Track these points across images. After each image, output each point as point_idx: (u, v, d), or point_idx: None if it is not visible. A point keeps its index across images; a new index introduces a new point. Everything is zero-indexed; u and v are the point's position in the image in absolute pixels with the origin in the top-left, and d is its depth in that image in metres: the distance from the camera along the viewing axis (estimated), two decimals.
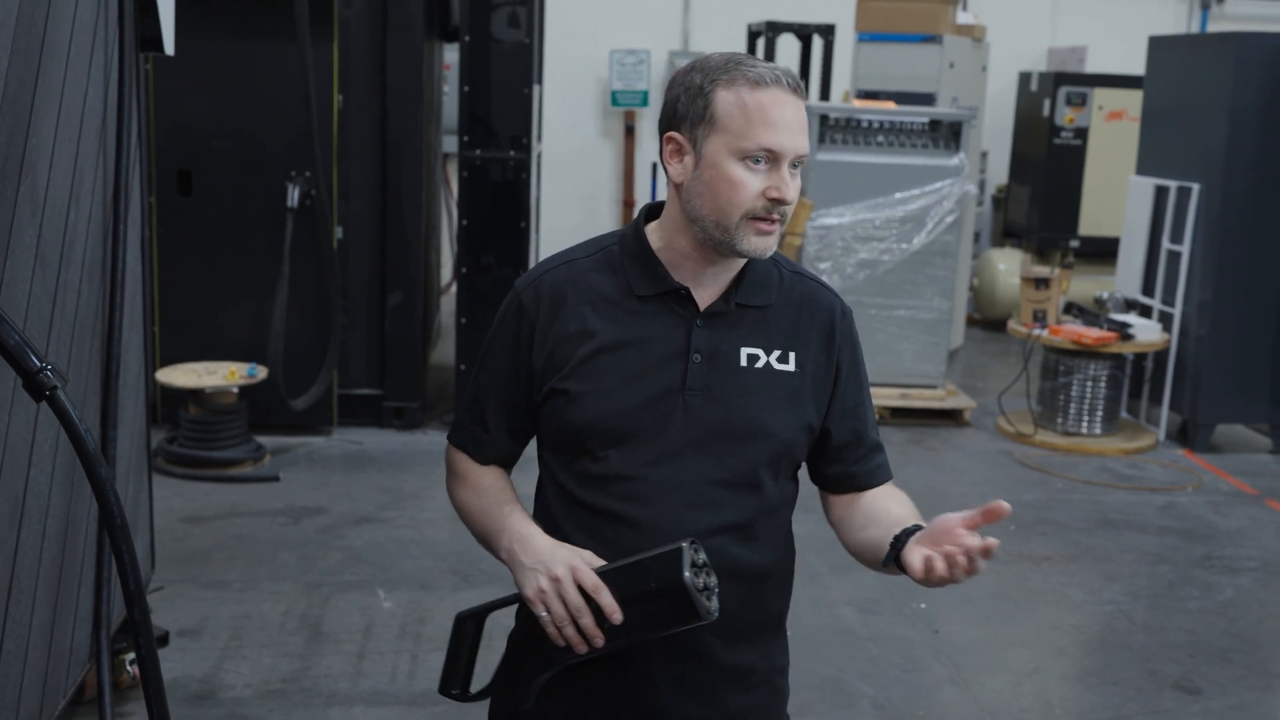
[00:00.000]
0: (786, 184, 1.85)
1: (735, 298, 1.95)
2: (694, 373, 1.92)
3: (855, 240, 7.29)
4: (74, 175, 3.05)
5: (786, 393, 1.97)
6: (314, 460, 6.30)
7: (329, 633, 4.44)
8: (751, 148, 1.84)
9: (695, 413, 1.93)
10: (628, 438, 1.92)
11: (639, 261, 1.96)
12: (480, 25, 6.57)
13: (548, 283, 1.98)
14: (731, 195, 1.85)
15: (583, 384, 1.93)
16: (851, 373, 2.05)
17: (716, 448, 1.93)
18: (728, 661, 1.99)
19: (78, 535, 3.18)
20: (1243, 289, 7.00)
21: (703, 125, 1.87)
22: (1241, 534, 5.89)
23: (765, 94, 1.84)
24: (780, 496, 2.02)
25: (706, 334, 1.93)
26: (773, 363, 1.96)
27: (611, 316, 1.94)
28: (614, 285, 1.96)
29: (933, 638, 4.66)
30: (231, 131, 6.38)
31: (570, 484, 1.97)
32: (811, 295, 2.03)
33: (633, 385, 1.92)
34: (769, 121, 1.84)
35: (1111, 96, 10.06)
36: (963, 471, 6.74)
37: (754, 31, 9.36)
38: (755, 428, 1.95)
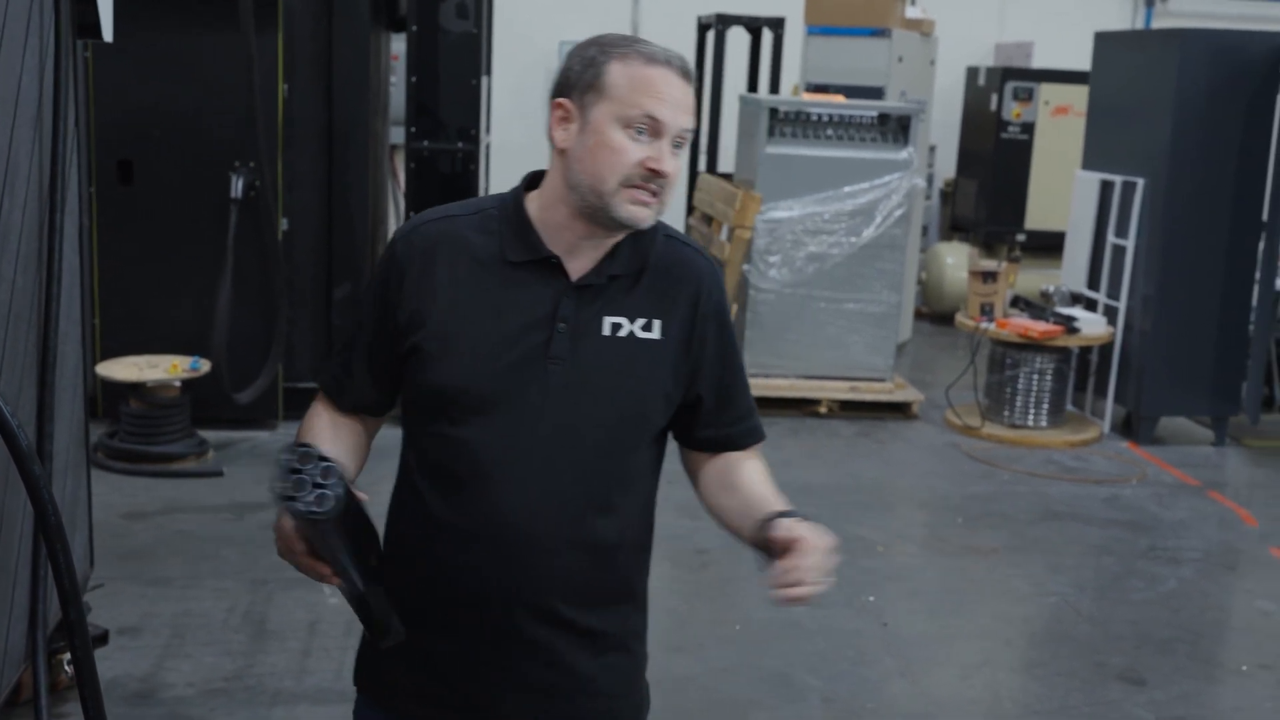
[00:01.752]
0: (665, 156, 1.89)
1: (608, 269, 1.97)
2: (558, 341, 1.93)
3: (804, 233, 7.29)
4: (8, 164, 2.97)
5: (649, 361, 1.98)
6: (258, 455, 6.22)
7: (273, 630, 4.38)
8: (636, 115, 1.88)
9: (556, 381, 1.93)
10: (487, 403, 1.93)
11: (514, 227, 1.97)
12: (428, 15, 6.51)
13: (422, 235, 1.99)
14: (611, 161, 1.88)
15: (442, 345, 1.94)
16: (717, 341, 2.06)
17: (575, 416, 1.95)
18: (581, 625, 2.00)
19: (13, 533, 3.11)
20: (1186, 283, 7.08)
21: (591, 93, 1.90)
22: (1184, 525, 5.95)
23: (655, 70, 1.89)
24: (639, 465, 2.03)
25: (573, 304, 1.95)
26: (636, 331, 1.97)
27: (480, 279, 1.95)
28: (488, 248, 1.97)
29: (881, 630, 4.68)
30: (174, 121, 6.26)
31: (429, 446, 1.98)
32: (682, 261, 2.04)
33: (495, 350, 1.93)
34: (656, 93, 1.88)
35: (1058, 92, 10.15)
36: (911, 464, 6.77)
37: (704, 24, 9.34)
38: (615, 397, 1.97)
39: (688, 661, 4.36)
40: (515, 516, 1.92)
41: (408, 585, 2.00)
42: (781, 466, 6.44)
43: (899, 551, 5.48)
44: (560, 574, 1.95)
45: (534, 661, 1.99)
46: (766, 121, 7.33)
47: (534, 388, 1.93)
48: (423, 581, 1.99)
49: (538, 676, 2.00)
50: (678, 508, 5.50)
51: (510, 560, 1.93)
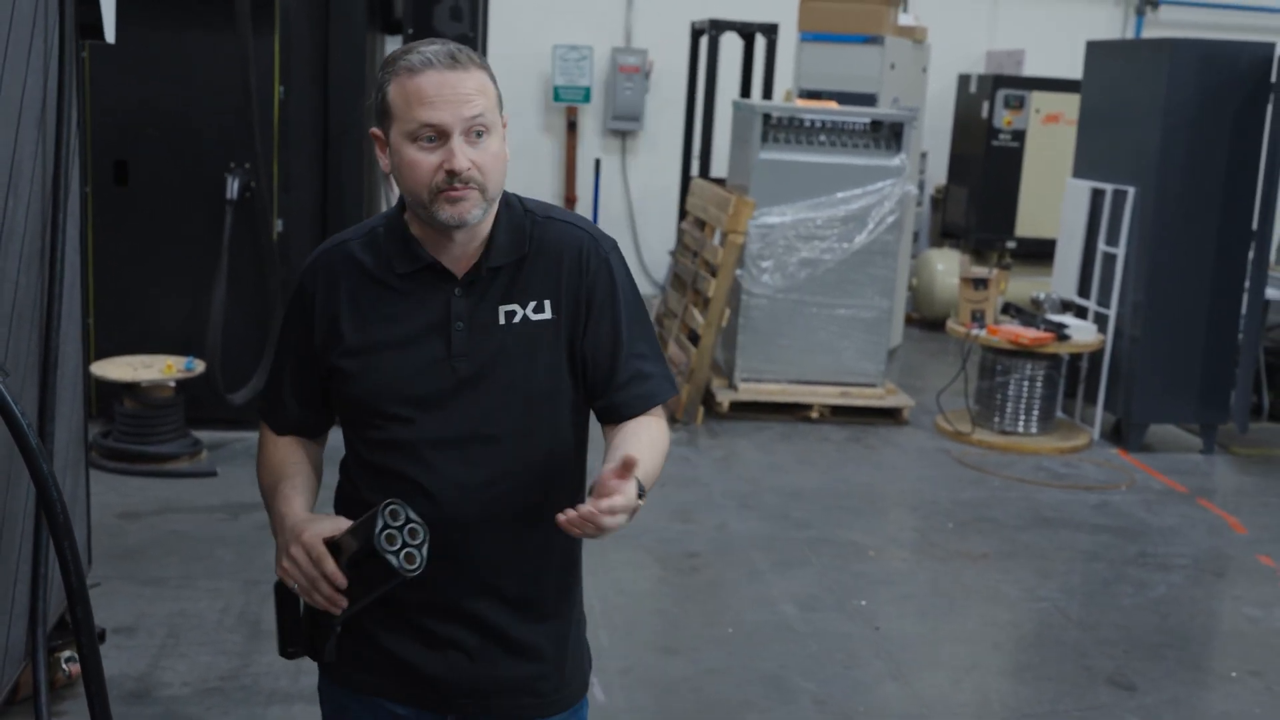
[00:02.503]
0: (455, 155, 1.96)
1: (487, 263, 2.06)
2: (457, 340, 2.04)
3: (797, 239, 7.33)
4: (12, 164, 2.99)
5: (547, 341, 2.08)
6: (252, 455, 6.16)
7: (268, 630, 4.39)
8: (414, 127, 1.97)
9: (465, 376, 2.05)
10: (403, 407, 2.05)
11: (398, 241, 2.08)
12: (423, 18, 6.53)
13: (322, 264, 2.12)
14: (413, 176, 1.99)
15: (355, 360, 2.06)
16: (604, 303, 2.12)
17: (489, 405, 2.05)
18: (520, 596, 2.12)
19: (13, 532, 3.12)
20: (1175, 291, 7.13)
21: (385, 118, 2.01)
22: (1173, 532, 5.99)
23: (420, 77, 1.96)
24: (561, 439, 2.13)
25: (465, 302, 2.05)
26: (529, 314, 2.07)
27: (378, 295, 2.07)
28: (378, 265, 2.08)
29: (873, 634, 4.70)
30: (170, 121, 6.28)
31: (362, 449, 2.11)
32: (561, 238, 2.12)
33: (403, 359, 2.05)
34: (425, 101, 1.95)
35: (1049, 100, 10.20)
36: (901, 469, 6.80)
37: (697, 30, 9.38)
38: (521, 381, 2.07)
39: (680, 663, 4.38)
40: (445, 505, 2.03)
41: None
42: (772, 471, 6.51)
43: (890, 556, 5.51)
44: (494, 552, 2.07)
45: (474, 633, 2.11)
46: (760, 127, 7.37)
47: (445, 387, 2.05)
48: None
49: (480, 648, 2.12)
50: (668, 511, 5.55)
51: (448, 544, 2.02)
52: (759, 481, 6.33)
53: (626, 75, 10.87)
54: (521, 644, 2.13)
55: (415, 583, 1.94)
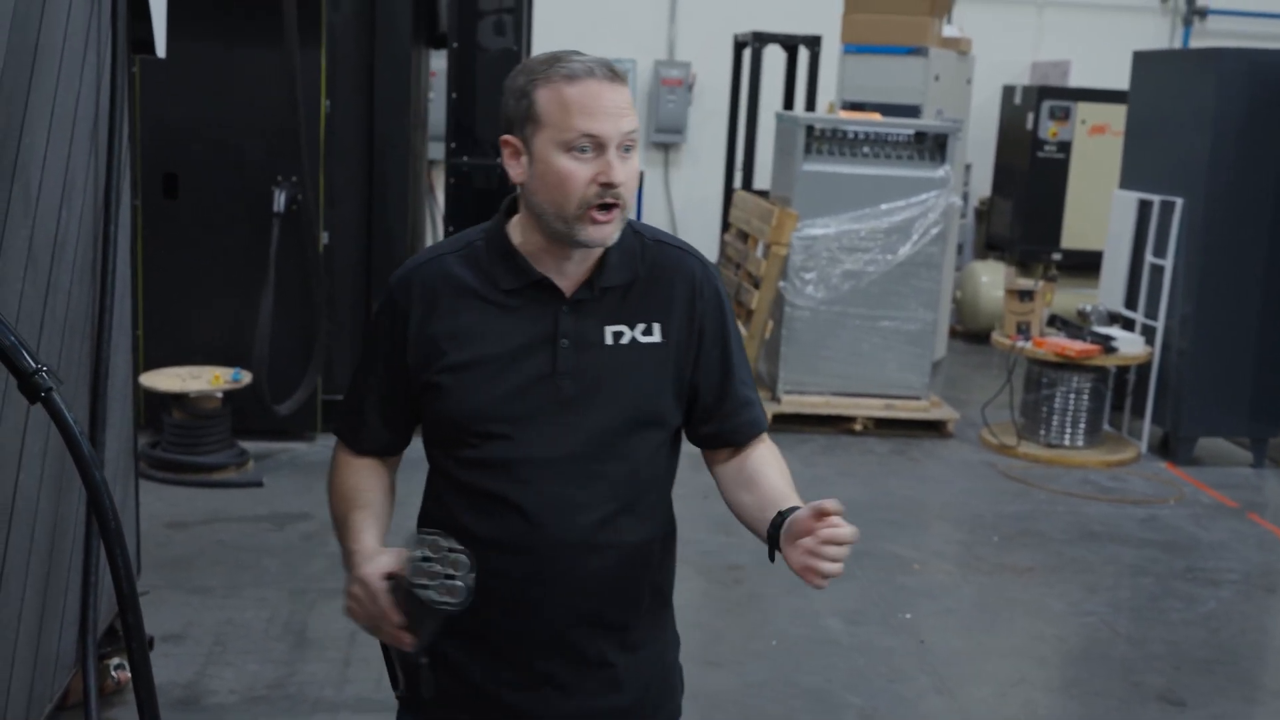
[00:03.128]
0: (613, 167, 1.92)
1: (598, 282, 2.02)
2: (563, 357, 2.00)
3: (840, 251, 7.31)
4: (65, 177, 3.03)
5: (654, 364, 2.04)
6: (298, 466, 6.28)
7: (314, 639, 4.42)
8: (573, 137, 1.91)
9: (568, 395, 2.00)
10: (504, 425, 2.00)
11: (501, 256, 2.03)
12: (468, 33, 6.58)
13: (418, 278, 2.05)
14: (563, 187, 1.93)
15: (455, 377, 2.00)
16: (715, 332, 2.11)
17: (591, 425, 2.01)
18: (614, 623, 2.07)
19: (65, 539, 3.16)
20: (1224, 303, 7.05)
21: (529, 124, 1.95)
22: (1223, 547, 5.92)
23: (580, 86, 1.92)
24: (658, 469, 2.10)
25: (572, 319, 2.01)
26: (638, 336, 2.04)
27: (481, 311, 2.01)
28: (480, 280, 2.02)
29: (918, 648, 4.67)
30: (217, 135, 6.35)
31: (455, 470, 2.04)
32: (672, 263, 2.09)
33: (504, 374, 2.00)
34: (586, 111, 1.91)
35: (1095, 111, 10.12)
36: (946, 482, 6.76)
37: (740, 42, 9.38)
38: (626, 402, 2.03)
39: (723, 677, 4.37)
40: (544, 527, 1.99)
41: None
42: (816, 484, 6.48)
43: (935, 569, 5.48)
44: (592, 577, 2.03)
45: (570, 663, 2.05)
46: (803, 139, 7.36)
47: (547, 405, 2.00)
48: None
49: (573, 676, 2.06)
50: (711, 523, 5.54)
51: (543, 569, 1.99)
52: (803, 494, 6.21)
53: (669, 88, 10.89)
54: (616, 673, 2.09)
55: (508, 610, 1.92)
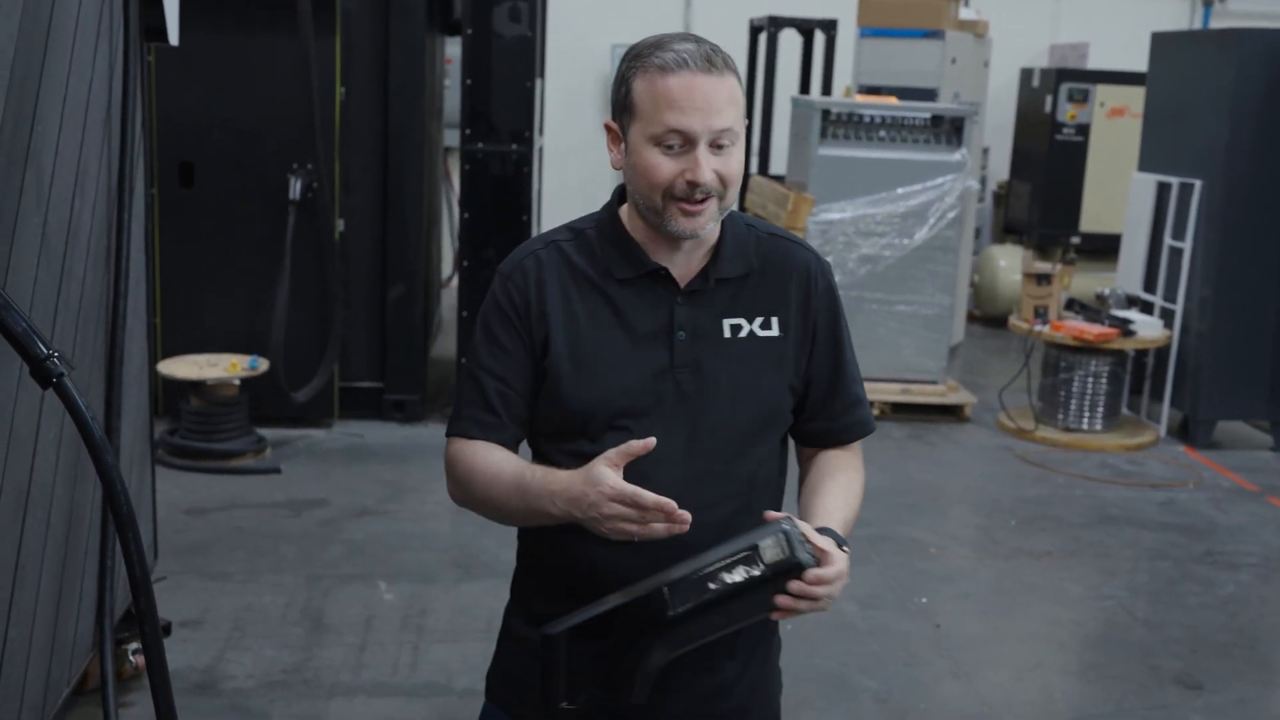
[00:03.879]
0: (700, 165, 1.86)
1: (713, 273, 1.98)
2: (680, 350, 1.96)
3: (857, 235, 7.28)
4: (78, 164, 3.04)
5: (773, 358, 2.01)
6: (315, 453, 6.30)
7: (330, 624, 4.44)
8: (660, 132, 1.87)
9: (687, 389, 1.96)
10: (622, 418, 1.94)
11: (616, 244, 1.99)
12: (482, 19, 6.57)
13: (531, 265, 2.00)
14: (650, 179, 1.89)
15: (572, 369, 1.95)
16: (828, 329, 2.08)
17: (711, 420, 1.97)
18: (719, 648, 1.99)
19: (81, 525, 3.18)
20: (1244, 285, 7.01)
21: (625, 113, 1.92)
22: (1242, 530, 5.89)
23: (673, 77, 1.86)
24: (773, 465, 2.07)
25: (688, 310, 1.97)
26: (756, 330, 2.00)
27: (594, 300, 1.97)
28: (594, 268, 1.98)
29: (934, 632, 4.67)
30: (233, 123, 6.37)
31: (567, 465, 1.96)
32: (787, 256, 2.05)
33: (622, 367, 1.95)
34: (675, 104, 1.86)
35: (1113, 93, 10.05)
36: (963, 467, 6.74)
37: (755, 26, 9.35)
38: (746, 397, 1.98)
39: None
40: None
41: (554, 594, 2.00)
42: None
43: (952, 554, 5.47)
44: None
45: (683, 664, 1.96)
46: (819, 123, 7.33)
47: (665, 398, 1.96)
48: (569, 591, 1.98)
49: (684, 678, 2.00)
50: None
51: (659, 566, 1.90)
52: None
53: None
54: (725, 678, 2.05)
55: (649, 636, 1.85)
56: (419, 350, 6.85)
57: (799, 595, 1.80)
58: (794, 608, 1.81)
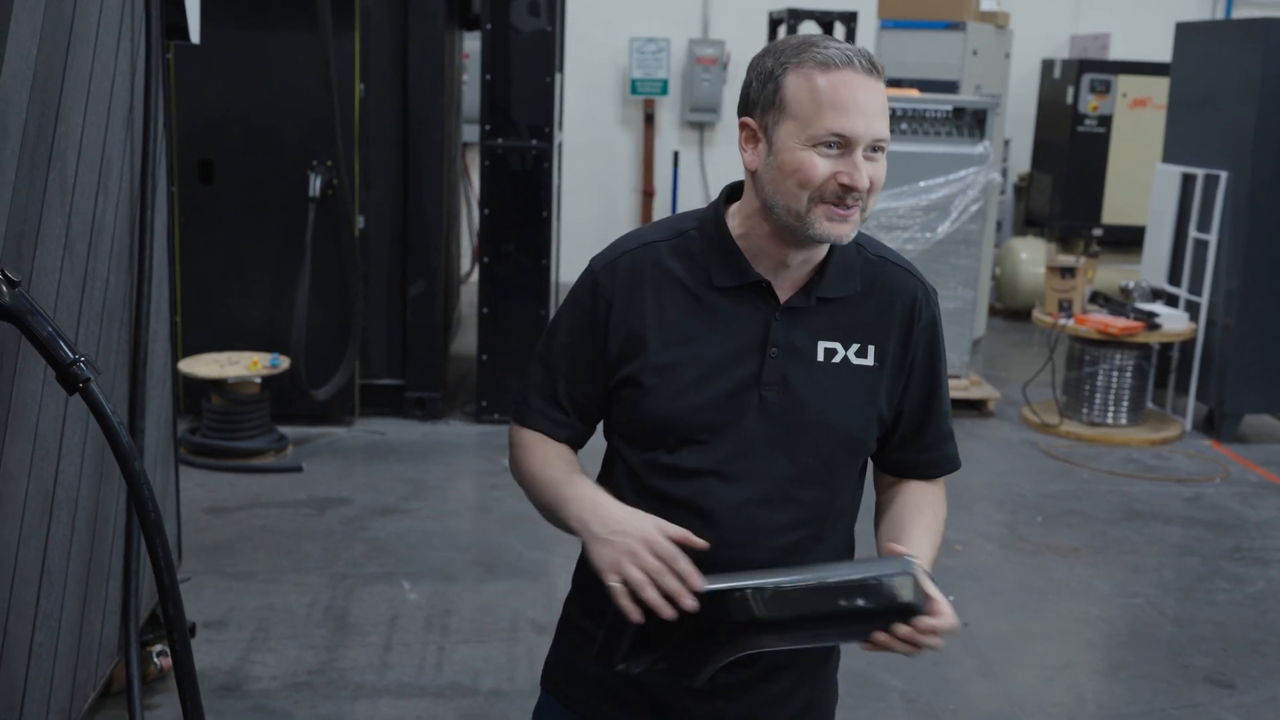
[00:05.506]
0: (858, 169, 1.78)
1: (816, 291, 1.91)
2: (770, 367, 1.89)
3: (879, 229, 7.23)
4: (101, 164, 3.02)
5: (864, 388, 1.93)
6: (336, 451, 6.29)
7: (355, 624, 4.42)
8: (821, 134, 1.78)
9: (771, 408, 1.89)
10: (702, 432, 1.89)
11: (719, 251, 1.91)
12: (501, 13, 6.54)
13: (624, 265, 1.93)
14: (802, 180, 1.80)
15: (658, 377, 1.89)
16: (926, 361, 2.00)
17: (791, 444, 1.90)
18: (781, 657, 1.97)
19: (106, 528, 3.16)
20: (1271, 278, 6.93)
21: (773, 111, 1.82)
22: (1271, 525, 5.83)
23: (835, 76, 1.78)
24: (850, 497, 2.00)
25: (785, 328, 1.90)
26: (851, 357, 1.92)
27: (689, 307, 1.90)
28: (692, 274, 1.91)
29: (962, 631, 4.62)
30: (252, 121, 6.35)
31: (642, 471, 1.93)
32: (894, 283, 1.97)
33: (709, 380, 1.89)
34: (839, 105, 1.78)
35: (1135, 84, 9.98)
36: (988, 462, 6.69)
37: (775, 19, 9.29)
38: (831, 425, 1.92)
39: None
40: (732, 546, 1.88)
41: None
42: None
43: (978, 550, 5.42)
44: None
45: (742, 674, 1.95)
46: None
47: (749, 415, 1.89)
48: None
49: (744, 688, 1.98)
50: None
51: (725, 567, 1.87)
52: None
53: (704, 67, 10.81)
54: (783, 688, 2.01)
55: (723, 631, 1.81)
56: (440, 347, 6.83)
57: (903, 638, 1.75)
58: (890, 646, 1.76)
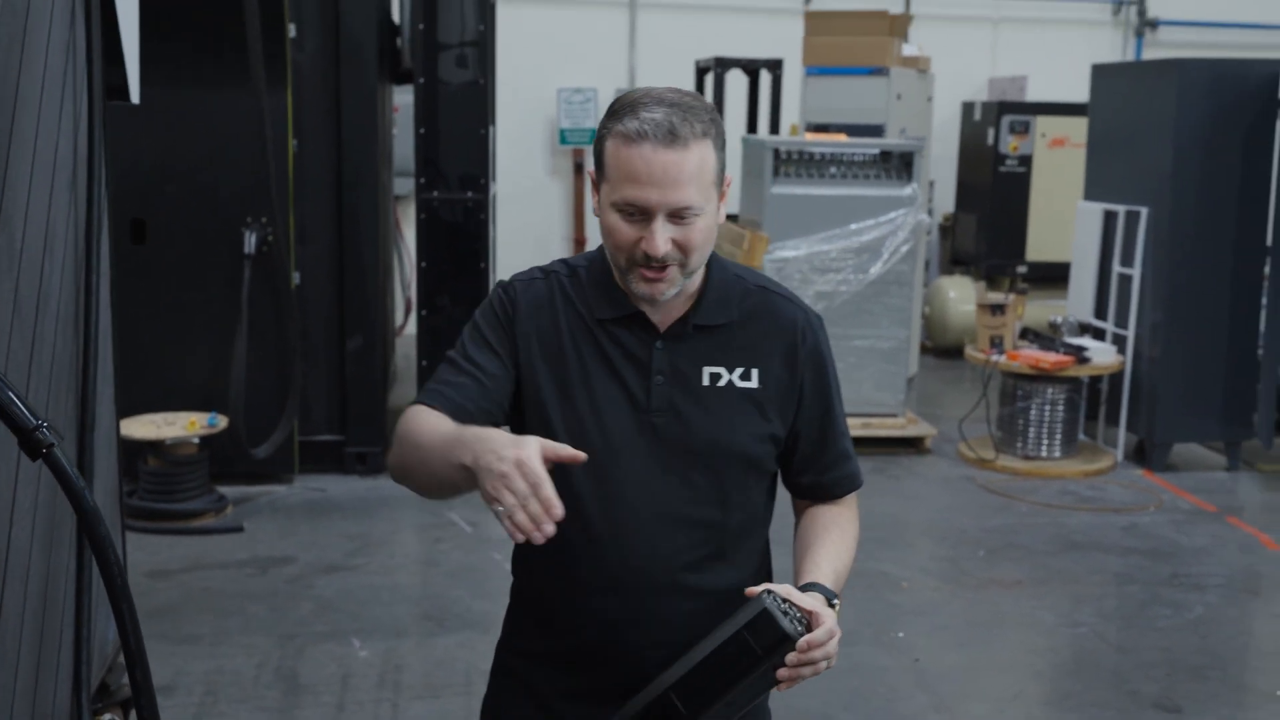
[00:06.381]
0: (654, 238, 1.86)
1: (693, 319, 1.99)
2: (657, 394, 1.97)
3: (812, 271, 7.33)
4: (47, 227, 2.99)
5: (751, 409, 2.01)
6: (277, 509, 6.21)
7: (306, 685, 4.36)
8: (619, 200, 1.88)
9: (661, 433, 1.97)
10: (597, 459, 1.94)
11: (600, 286, 2.01)
12: (433, 67, 6.57)
13: (532, 287, 2.04)
14: (611, 241, 1.92)
15: (549, 406, 1.97)
16: (816, 385, 2.07)
17: (683, 466, 1.97)
18: None
19: (57, 594, 3.10)
20: (1193, 309, 7.12)
21: (599, 169, 1.94)
22: (1205, 551, 5.95)
23: (634, 149, 1.85)
24: (751, 513, 2.06)
25: (667, 355, 1.98)
26: (735, 380, 2.00)
27: (577, 338, 1.99)
28: (582, 305, 2.01)
29: (913, 666, 4.67)
30: (185, 178, 6.30)
31: None
32: (775, 311, 2.05)
33: (598, 408, 1.96)
34: (633, 177, 1.85)
35: (1053, 124, 10.24)
36: (927, 498, 6.77)
37: (702, 67, 9.42)
38: (720, 445, 1.99)
39: None
40: (636, 565, 1.95)
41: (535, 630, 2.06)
42: None
43: (923, 586, 5.48)
44: (681, 620, 1.97)
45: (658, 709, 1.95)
46: (771, 162, 7.39)
47: (641, 439, 1.96)
48: (546, 626, 2.04)
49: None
50: None
51: (634, 606, 1.95)
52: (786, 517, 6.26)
53: None
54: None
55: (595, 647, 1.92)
56: (379, 401, 6.79)
57: (800, 664, 1.81)
58: (796, 676, 1.82)
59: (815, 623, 1.84)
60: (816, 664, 1.82)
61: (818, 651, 1.81)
